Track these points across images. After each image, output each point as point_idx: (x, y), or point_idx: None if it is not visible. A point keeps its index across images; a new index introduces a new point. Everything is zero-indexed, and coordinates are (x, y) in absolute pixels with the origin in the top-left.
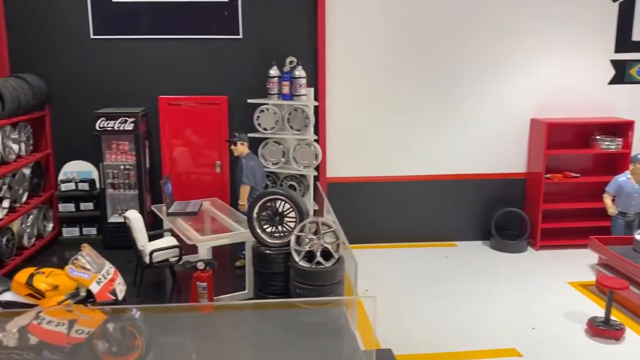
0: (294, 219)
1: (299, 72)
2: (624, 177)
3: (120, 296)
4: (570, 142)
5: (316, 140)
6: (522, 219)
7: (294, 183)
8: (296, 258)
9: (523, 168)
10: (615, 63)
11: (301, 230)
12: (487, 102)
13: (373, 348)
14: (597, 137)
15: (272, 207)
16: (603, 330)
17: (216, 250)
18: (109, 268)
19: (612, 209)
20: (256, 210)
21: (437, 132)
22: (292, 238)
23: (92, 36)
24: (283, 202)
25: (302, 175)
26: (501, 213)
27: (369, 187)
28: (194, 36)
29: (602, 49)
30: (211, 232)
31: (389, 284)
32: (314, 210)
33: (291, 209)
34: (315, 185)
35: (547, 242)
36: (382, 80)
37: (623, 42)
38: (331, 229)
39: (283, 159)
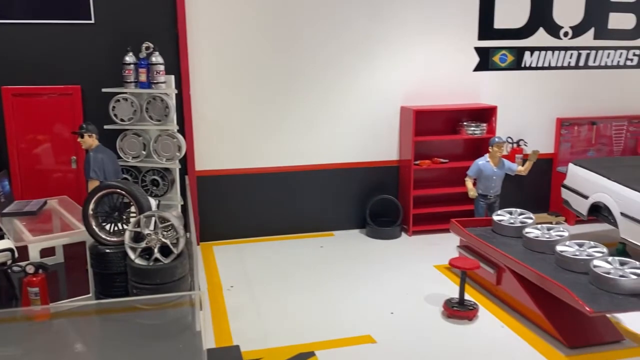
0: (135, 214)
1: (156, 58)
2: (483, 161)
3: None
4: (440, 129)
5: (180, 131)
6: (396, 206)
7: (157, 177)
8: (132, 256)
9: (396, 155)
10: (479, 50)
11: (136, 226)
12: (358, 91)
13: (204, 347)
14: (464, 123)
15: (109, 201)
16: (457, 311)
17: (68, 252)
18: None
19: (472, 192)
20: (91, 206)
21: (311, 122)
22: (127, 234)
23: None
24: (121, 196)
25: (166, 169)
26: (375, 201)
27: (242, 180)
28: (40, 21)
29: (467, 37)
30: (60, 231)
31: (259, 277)
32: (181, 206)
33: (131, 203)
34: (182, 180)
35: (419, 227)
36: (253, 68)
37: (485, 30)
38: (169, 223)
39: (144, 152)
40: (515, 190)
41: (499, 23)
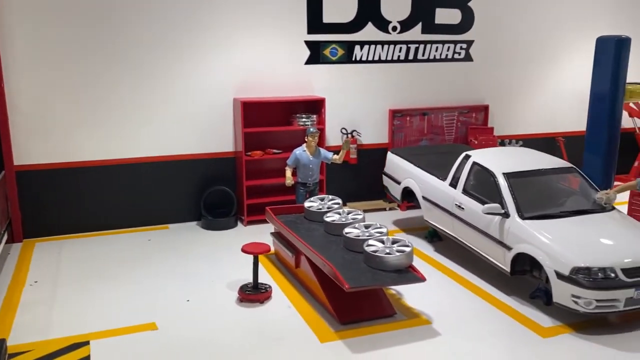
0: None
1: None
2: (300, 150)
3: None
4: (275, 120)
5: None
6: (231, 197)
7: None
8: None
9: (231, 147)
10: (309, 44)
11: None
12: (192, 82)
13: None
14: (297, 114)
15: None
16: (249, 295)
17: None
18: None
19: (289, 180)
20: None
21: (142, 113)
22: None
23: None
24: None
25: None
26: (210, 192)
27: (70, 173)
28: None
29: (297, 31)
30: None
31: (70, 273)
32: None
33: None
34: None
35: (255, 217)
36: (75, 56)
37: (315, 24)
38: None
39: None
40: (354, 179)
41: (327, 17)
